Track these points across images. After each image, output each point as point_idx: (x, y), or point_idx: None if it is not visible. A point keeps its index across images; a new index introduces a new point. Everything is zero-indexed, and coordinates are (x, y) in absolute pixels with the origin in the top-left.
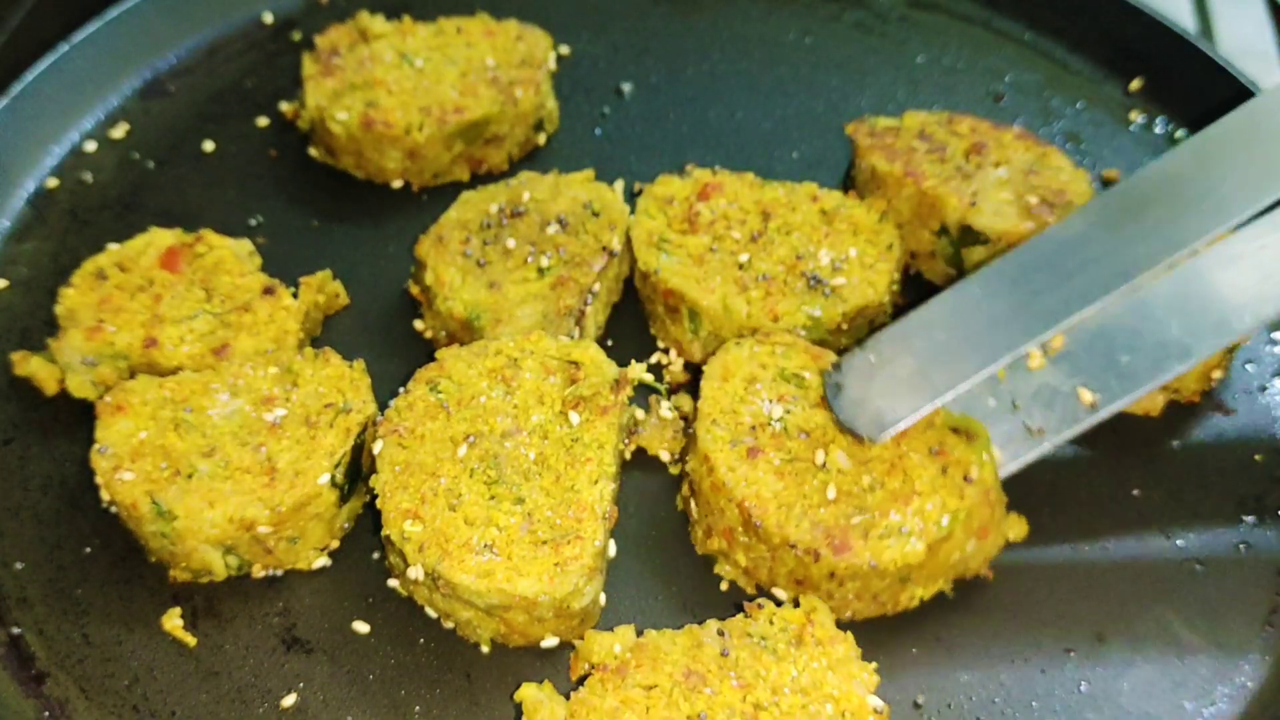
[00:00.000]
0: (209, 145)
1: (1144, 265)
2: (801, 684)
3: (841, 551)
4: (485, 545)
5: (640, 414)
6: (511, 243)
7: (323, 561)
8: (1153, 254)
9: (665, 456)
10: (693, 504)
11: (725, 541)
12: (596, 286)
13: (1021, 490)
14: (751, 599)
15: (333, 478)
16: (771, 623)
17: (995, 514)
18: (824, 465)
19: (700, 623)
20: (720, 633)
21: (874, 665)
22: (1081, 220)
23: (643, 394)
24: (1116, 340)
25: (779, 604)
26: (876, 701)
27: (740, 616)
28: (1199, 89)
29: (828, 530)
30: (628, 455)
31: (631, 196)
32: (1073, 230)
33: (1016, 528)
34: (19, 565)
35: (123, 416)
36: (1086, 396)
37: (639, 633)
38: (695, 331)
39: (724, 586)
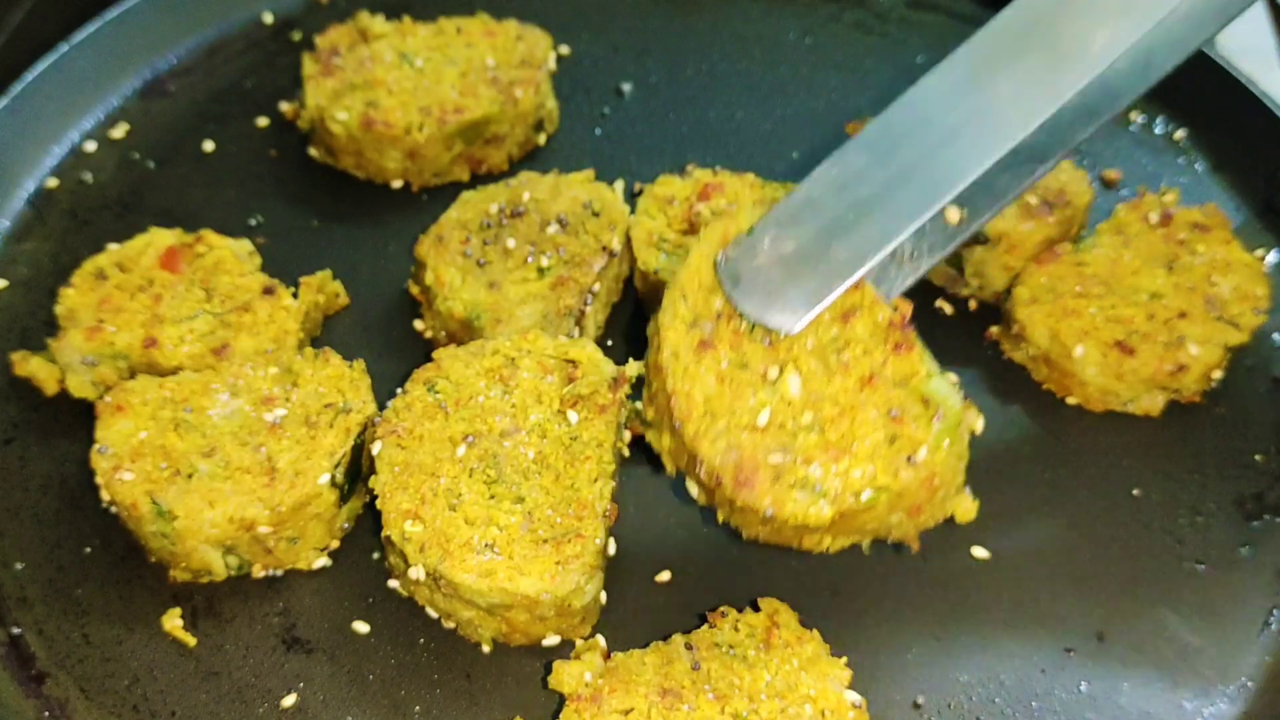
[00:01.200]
0: (209, 145)
1: (1026, 122)
2: (777, 688)
3: (743, 487)
4: (486, 545)
5: (640, 406)
6: (511, 243)
7: (323, 561)
8: (1032, 109)
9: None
10: (646, 363)
11: (657, 417)
12: (596, 286)
13: (1021, 490)
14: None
15: (333, 478)
16: (737, 629)
17: (937, 495)
18: (772, 384)
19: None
20: (688, 646)
21: (844, 660)
22: (951, 72)
23: (640, 391)
24: None
25: (740, 610)
26: (854, 696)
27: (705, 628)
28: (1199, 89)
29: (740, 460)
30: (626, 453)
31: (631, 196)
32: (945, 84)
33: (964, 508)
34: (19, 565)
35: (123, 416)
36: (953, 215)
37: (606, 655)
38: None
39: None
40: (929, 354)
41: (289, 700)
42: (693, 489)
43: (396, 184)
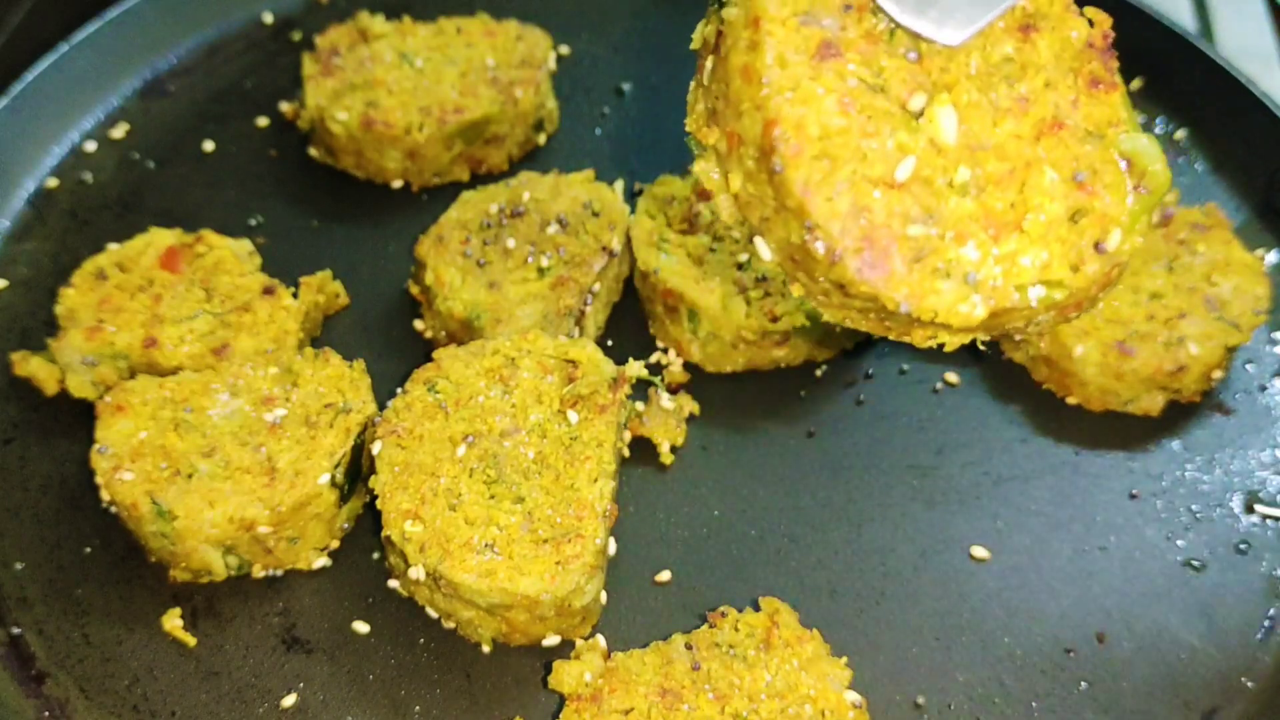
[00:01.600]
0: (209, 145)
1: None
2: (777, 688)
3: (873, 270)
4: (486, 545)
5: (640, 406)
6: (511, 243)
7: (323, 561)
8: None
9: (666, 447)
10: (708, 63)
11: (726, 145)
12: (596, 286)
13: (1021, 490)
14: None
15: (333, 478)
16: (737, 629)
17: (1103, 292)
18: (918, 118)
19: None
20: (688, 646)
21: (844, 660)
22: None
23: (640, 391)
24: None
25: (740, 610)
26: (854, 696)
27: (705, 627)
28: (1199, 89)
29: (870, 227)
30: (626, 453)
31: (631, 196)
32: None
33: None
34: (19, 565)
35: (123, 416)
36: None
37: (607, 655)
38: (695, 331)
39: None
40: (1128, 98)
41: (289, 700)
42: (765, 251)
43: (396, 184)
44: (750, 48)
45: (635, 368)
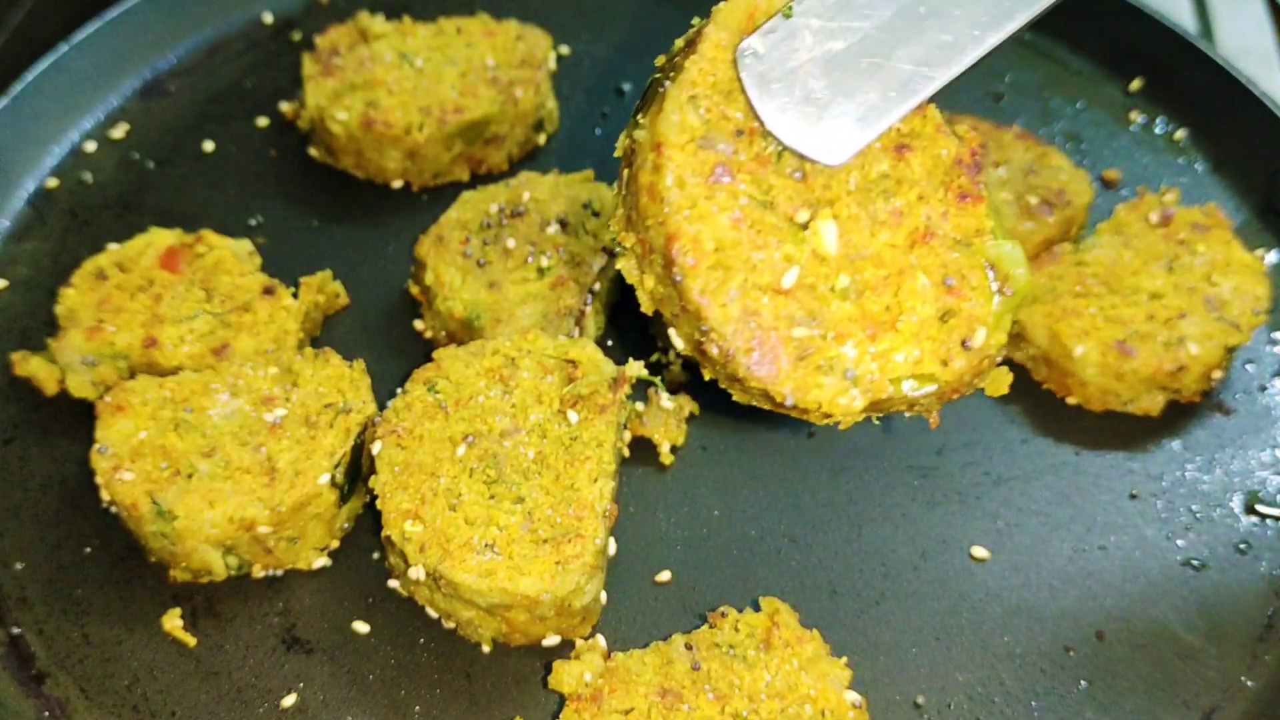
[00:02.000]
0: (209, 145)
1: None
2: (777, 688)
3: (762, 368)
4: (486, 545)
5: (640, 406)
6: (511, 243)
7: (323, 562)
8: None
9: (666, 447)
10: (625, 174)
11: (640, 249)
12: (596, 286)
13: (1021, 490)
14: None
15: (333, 478)
16: (737, 629)
17: (977, 381)
18: (803, 230)
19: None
20: (688, 646)
21: (844, 660)
22: None
23: (640, 389)
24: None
25: (740, 611)
26: (854, 696)
27: (705, 628)
28: (1199, 89)
29: (760, 329)
30: (626, 453)
31: None
32: None
33: (997, 381)
34: (19, 565)
35: (123, 416)
36: None
37: (607, 655)
38: None
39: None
40: (997, 207)
41: (289, 700)
42: (677, 341)
43: (396, 184)
44: (654, 169)
45: (635, 368)
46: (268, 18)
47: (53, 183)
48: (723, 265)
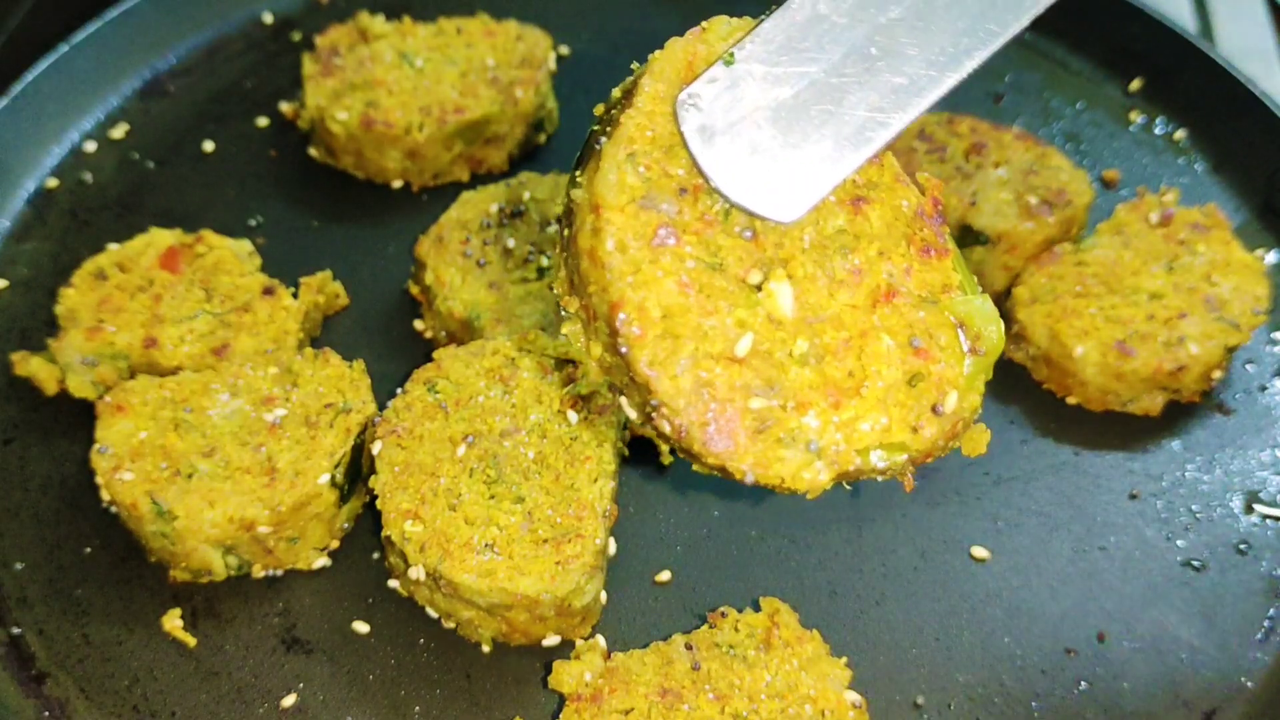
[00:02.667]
0: (209, 145)
1: None
2: (777, 688)
3: (717, 443)
4: (486, 545)
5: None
6: (511, 243)
7: (323, 562)
8: None
9: (666, 447)
10: (564, 232)
11: (585, 315)
12: None
13: (1021, 490)
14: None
15: (333, 478)
16: (737, 629)
17: (950, 444)
18: (757, 293)
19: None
20: (688, 646)
21: (844, 660)
22: None
23: None
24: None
25: (740, 611)
26: (854, 696)
27: (706, 628)
28: (1199, 89)
29: (713, 401)
30: (626, 453)
31: None
32: None
33: (974, 441)
34: (19, 565)
35: (123, 416)
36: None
37: (606, 655)
38: None
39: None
40: (963, 260)
41: (289, 700)
42: (629, 412)
43: (396, 184)
44: (593, 232)
45: None
46: (268, 18)
47: (53, 183)
48: (671, 334)
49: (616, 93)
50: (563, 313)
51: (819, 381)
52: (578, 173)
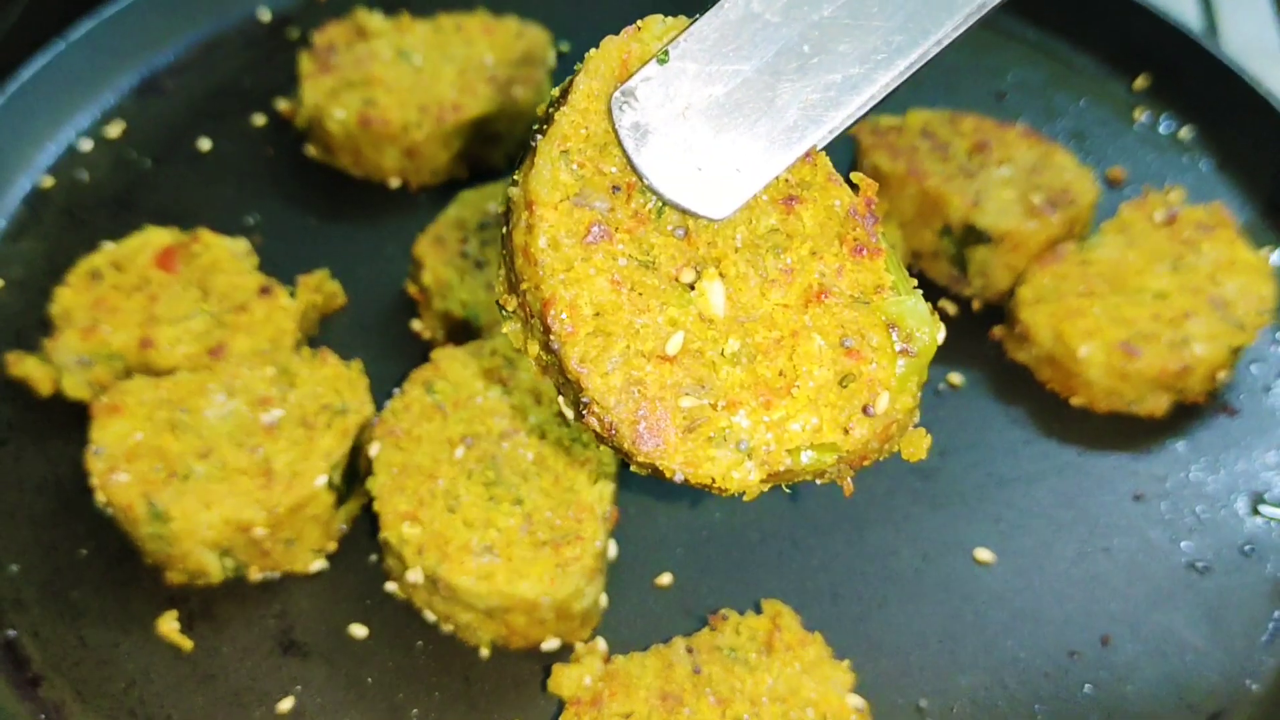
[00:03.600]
0: (205, 144)
1: None
2: (779, 692)
3: (647, 442)
4: (485, 547)
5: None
6: None
7: (320, 564)
8: None
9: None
10: (502, 230)
11: (523, 314)
12: None
13: (1025, 492)
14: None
15: (329, 480)
16: (738, 632)
17: (887, 446)
18: (689, 291)
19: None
20: (689, 649)
21: (847, 663)
22: None
23: None
24: None
25: (741, 613)
26: (857, 700)
27: (706, 631)
28: (1203, 87)
29: (644, 400)
30: None
31: None
32: None
33: (914, 446)
34: (14, 567)
35: (118, 417)
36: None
37: (606, 659)
38: None
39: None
40: (897, 260)
41: (286, 704)
42: (567, 411)
43: (394, 183)
44: (527, 229)
45: None
46: (265, 15)
47: (48, 181)
48: (602, 331)
49: (555, 92)
50: (502, 312)
51: (750, 381)
52: (517, 172)
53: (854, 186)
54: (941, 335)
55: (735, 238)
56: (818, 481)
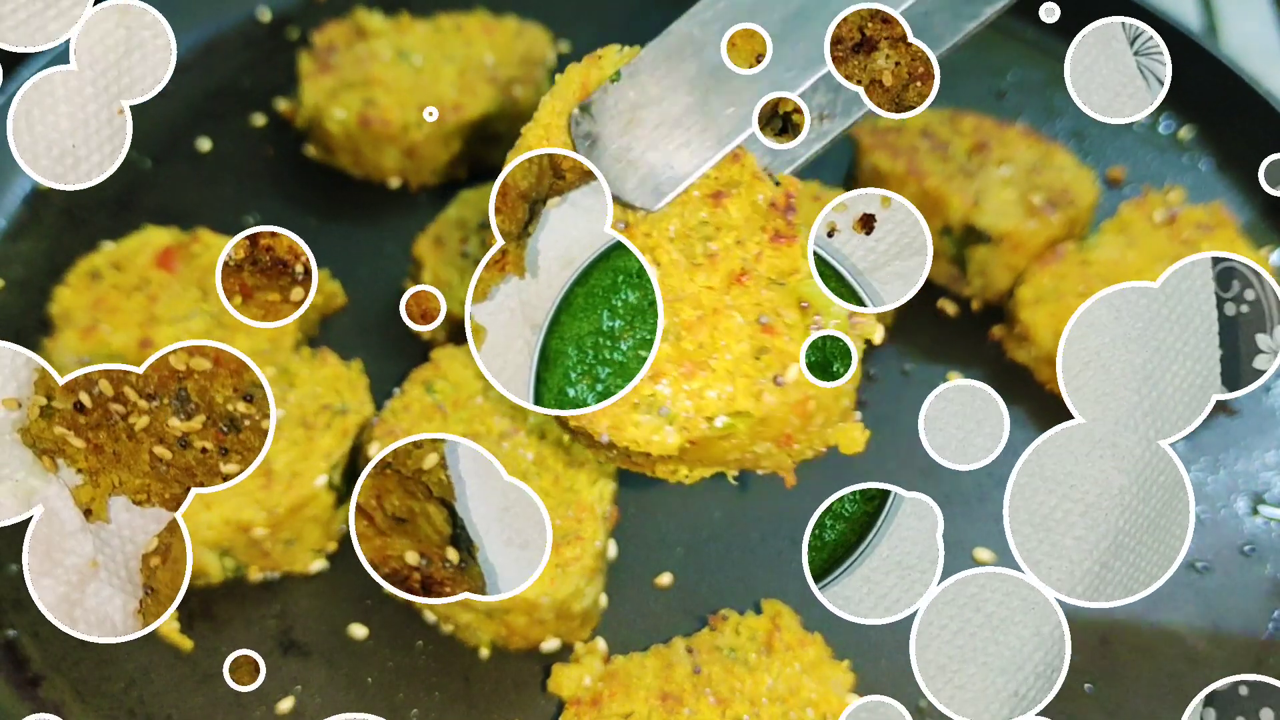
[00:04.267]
0: (205, 144)
1: None
2: (778, 692)
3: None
4: None
5: None
6: None
7: (320, 564)
8: None
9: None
10: None
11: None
12: None
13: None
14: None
15: (329, 480)
16: (738, 632)
17: (813, 423)
18: None
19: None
20: (689, 649)
21: (847, 663)
22: None
23: None
24: None
25: (741, 613)
26: (857, 700)
27: (706, 631)
28: (1204, 87)
29: None
30: None
31: None
32: None
33: (850, 438)
34: (14, 567)
35: None
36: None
37: (606, 659)
38: None
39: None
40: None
41: (285, 704)
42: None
43: (394, 183)
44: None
45: None
46: (265, 15)
47: None
48: None
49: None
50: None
51: (675, 354)
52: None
53: (777, 183)
54: (878, 332)
55: (669, 229)
56: (760, 473)
